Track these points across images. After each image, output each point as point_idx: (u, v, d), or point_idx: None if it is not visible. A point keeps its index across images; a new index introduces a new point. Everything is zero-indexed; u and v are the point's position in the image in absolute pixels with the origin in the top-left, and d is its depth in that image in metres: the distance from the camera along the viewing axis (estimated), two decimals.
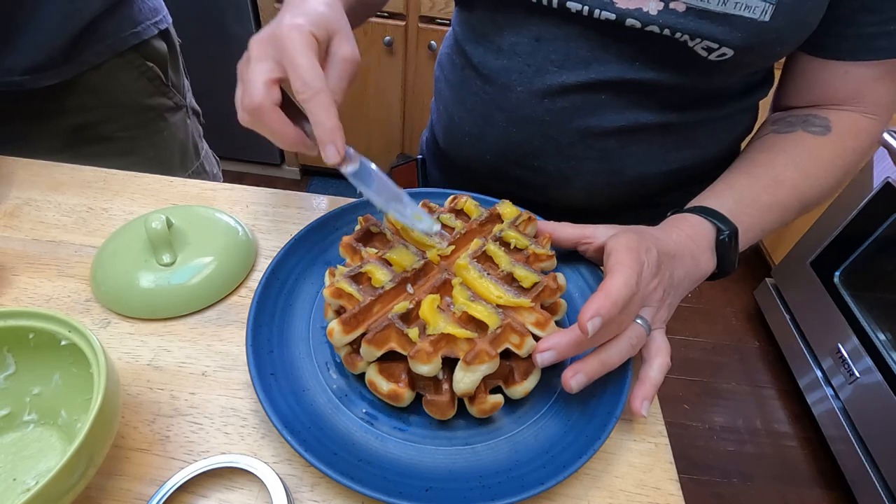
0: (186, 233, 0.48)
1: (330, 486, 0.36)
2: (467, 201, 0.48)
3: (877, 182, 1.40)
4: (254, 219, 0.55)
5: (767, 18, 0.41)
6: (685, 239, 0.44)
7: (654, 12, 0.42)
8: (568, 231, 0.47)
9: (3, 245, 0.49)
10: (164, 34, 0.73)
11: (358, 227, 0.45)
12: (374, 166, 0.41)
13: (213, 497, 0.35)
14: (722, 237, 0.45)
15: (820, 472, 1.49)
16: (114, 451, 0.36)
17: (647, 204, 0.58)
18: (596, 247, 0.45)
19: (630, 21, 0.43)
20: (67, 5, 0.59)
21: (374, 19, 1.64)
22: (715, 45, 0.42)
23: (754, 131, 0.57)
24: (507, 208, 0.47)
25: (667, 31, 0.43)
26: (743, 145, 0.56)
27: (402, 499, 0.32)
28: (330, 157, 0.37)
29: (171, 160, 0.78)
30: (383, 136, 1.97)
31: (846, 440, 1.39)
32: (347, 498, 0.35)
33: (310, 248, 0.48)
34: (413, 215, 0.40)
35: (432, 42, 1.67)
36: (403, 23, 1.65)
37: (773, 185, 0.48)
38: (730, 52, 0.43)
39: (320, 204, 0.57)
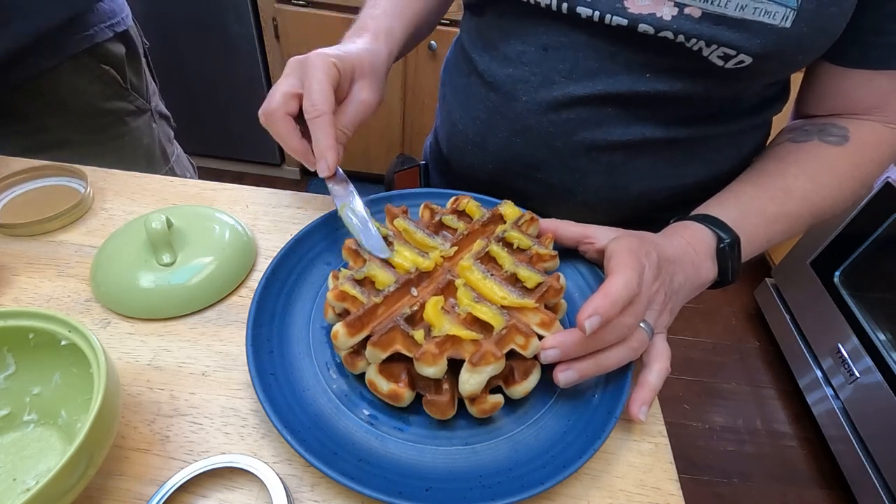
0: (186, 233, 0.48)
1: (330, 486, 0.36)
2: (469, 202, 0.48)
3: (877, 182, 1.40)
4: (254, 219, 0.55)
5: (788, 25, 0.39)
6: (685, 245, 0.44)
7: (667, 17, 0.41)
8: (571, 230, 0.46)
9: (3, 245, 0.49)
10: (122, 36, 0.70)
11: None
12: (357, 199, 0.47)
13: (213, 497, 0.35)
14: (722, 246, 0.44)
15: (820, 472, 1.49)
16: (114, 451, 0.36)
17: (650, 220, 0.56)
18: (597, 248, 0.45)
19: (643, 27, 0.41)
20: (35, 19, 0.58)
21: None
22: (732, 52, 0.41)
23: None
24: (509, 209, 0.47)
25: (681, 38, 0.41)
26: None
27: (402, 499, 0.32)
28: (321, 170, 0.44)
29: (136, 165, 0.75)
30: (383, 137, 1.97)
31: (846, 440, 1.39)
32: (347, 498, 0.35)
33: (310, 248, 0.48)
34: (368, 246, 0.43)
35: (432, 42, 1.67)
36: None
37: (781, 195, 0.47)
38: (748, 60, 0.41)
39: (320, 204, 0.57)
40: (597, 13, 0.43)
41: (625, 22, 0.42)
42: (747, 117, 0.51)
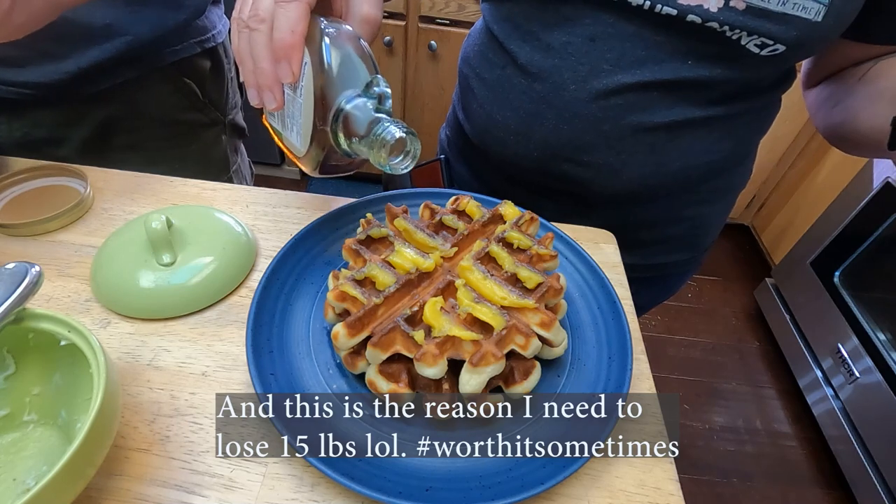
0: (186, 233, 0.48)
1: (330, 486, 0.36)
2: (469, 202, 0.48)
3: (877, 182, 1.40)
4: (254, 219, 0.55)
5: (820, 19, 0.43)
6: None
7: (714, 9, 0.44)
8: None
9: (3, 245, 0.49)
10: (210, 52, 0.71)
11: (360, 230, 0.45)
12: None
13: (212, 497, 0.35)
14: None
15: (820, 472, 1.49)
16: (114, 451, 0.36)
17: (684, 190, 0.60)
18: None
19: (691, 17, 0.44)
20: (127, 35, 0.59)
21: None
22: (770, 42, 0.44)
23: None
24: (508, 209, 0.47)
25: (725, 28, 0.44)
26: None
27: (402, 499, 0.32)
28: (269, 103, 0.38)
29: (194, 173, 0.75)
30: None
31: (846, 440, 1.39)
32: (347, 498, 0.35)
33: (310, 248, 0.48)
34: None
35: (432, 42, 1.67)
36: (403, 23, 1.65)
37: None
38: (781, 48, 0.45)
39: (320, 204, 0.57)
40: (647, 3, 0.45)
41: (674, 12, 0.45)
42: (771, 93, 0.56)
